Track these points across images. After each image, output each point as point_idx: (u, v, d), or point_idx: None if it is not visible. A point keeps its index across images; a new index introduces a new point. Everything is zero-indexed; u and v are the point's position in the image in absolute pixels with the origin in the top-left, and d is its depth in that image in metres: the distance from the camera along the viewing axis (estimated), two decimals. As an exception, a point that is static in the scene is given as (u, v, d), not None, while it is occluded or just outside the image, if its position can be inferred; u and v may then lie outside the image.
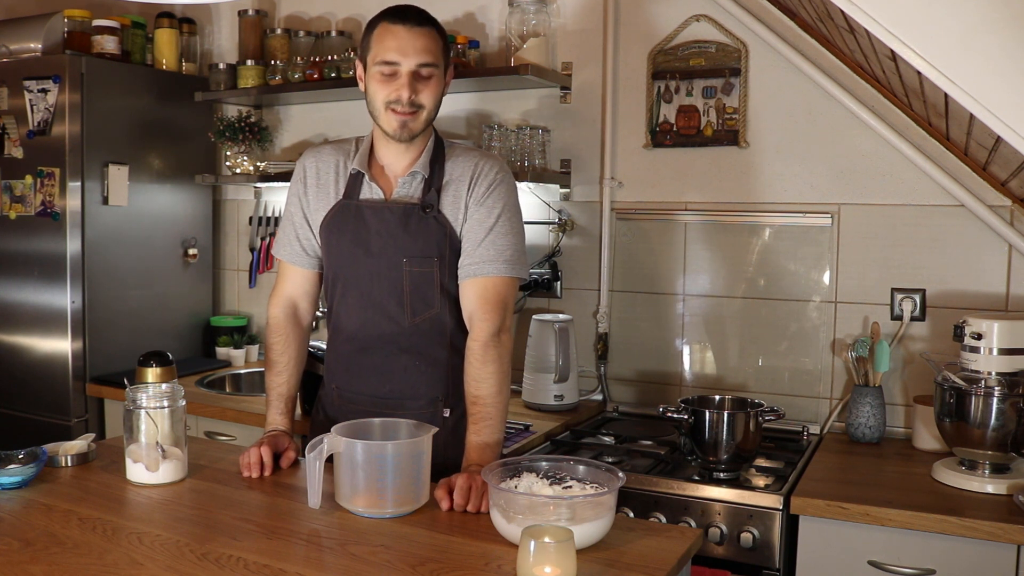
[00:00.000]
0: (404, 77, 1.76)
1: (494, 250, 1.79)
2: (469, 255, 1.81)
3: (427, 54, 1.76)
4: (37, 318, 2.97)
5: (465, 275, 1.81)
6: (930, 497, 1.92)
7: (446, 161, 1.86)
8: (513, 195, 1.87)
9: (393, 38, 1.75)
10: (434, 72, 1.78)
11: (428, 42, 1.76)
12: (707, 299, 2.67)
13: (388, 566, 1.34)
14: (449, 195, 1.83)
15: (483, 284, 1.79)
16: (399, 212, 1.82)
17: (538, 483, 1.49)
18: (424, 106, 1.78)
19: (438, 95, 1.81)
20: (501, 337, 1.78)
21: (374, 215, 1.83)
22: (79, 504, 1.59)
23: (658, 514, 2.05)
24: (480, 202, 1.82)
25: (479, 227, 1.81)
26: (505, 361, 1.79)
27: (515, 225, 1.84)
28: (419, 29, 1.76)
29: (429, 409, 1.86)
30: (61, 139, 2.88)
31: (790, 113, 2.54)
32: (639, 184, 2.75)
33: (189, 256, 3.32)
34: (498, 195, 1.83)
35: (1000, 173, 2.22)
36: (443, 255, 1.81)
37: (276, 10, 3.35)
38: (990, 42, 1.26)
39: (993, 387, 1.95)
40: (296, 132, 3.35)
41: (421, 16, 1.79)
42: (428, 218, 1.81)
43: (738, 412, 2.08)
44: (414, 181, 1.84)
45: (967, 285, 2.36)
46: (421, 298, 1.82)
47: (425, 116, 1.80)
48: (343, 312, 1.88)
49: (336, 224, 1.87)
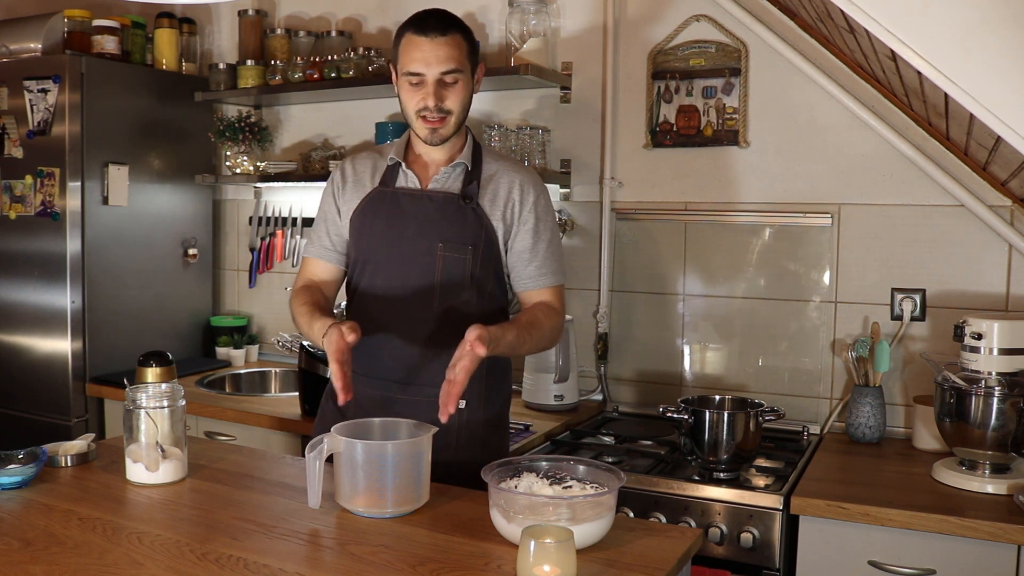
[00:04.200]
0: (430, 86, 1.82)
1: (553, 263, 1.94)
2: (526, 266, 1.92)
3: (450, 62, 1.81)
4: (37, 318, 2.97)
5: (526, 287, 1.93)
6: (930, 497, 1.92)
7: (484, 159, 1.95)
8: (551, 207, 1.99)
9: (417, 50, 1.81)
10: (459, 77, 1.83)
11: (450, 50, 1.81)
12: (707, 299, 2.67)
13: (388, 566, 1.34)
14: (489, 191, 1.90)
15: (543, 294, 1.94)
16: (439, 200, 1.88)
17: (538, 483, 1.49)
18: (452, 111, 1.84)
19: (466, 97, 1.87)
20: (562, 323, 1.95)
21: (412, 201, 1.90)
22: (79, 504, 1.59)
23: (658, 514, 2.05)
24: (527, 217, 1.90)
25: (533, 242, 1.91)
26: (554, 331, 1.91)
27: (558, 236, 2.00)
28: (441, 39, 1.80)
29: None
30: (61, 139, 2.88)
31: (790, 113, 2.54)
32: (639, 184, 2.75)
33: (189, 256, 3.32)
34: (544, 210, 1.94)
35: (1000, 173, 2.22)
36: (477, 245, 1.87)
37: (276, 10, 3.35)
38: (990, 42, 1.27)
39: (993, 387, 1.95)
40: (296, 132, 3.35)
41: (444, 24, 1.82)
42: (467, 208, 1.87)
43: (738, 412, 2.08)
44: (454, 172, 1.91)
45: (967, 285, 2.36)
46: (451, 285, 1.85)
47: (455, 120, 1.86)
48: (370, 294, 1.90)
49: (371, 209, 1.92)
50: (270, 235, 3.34)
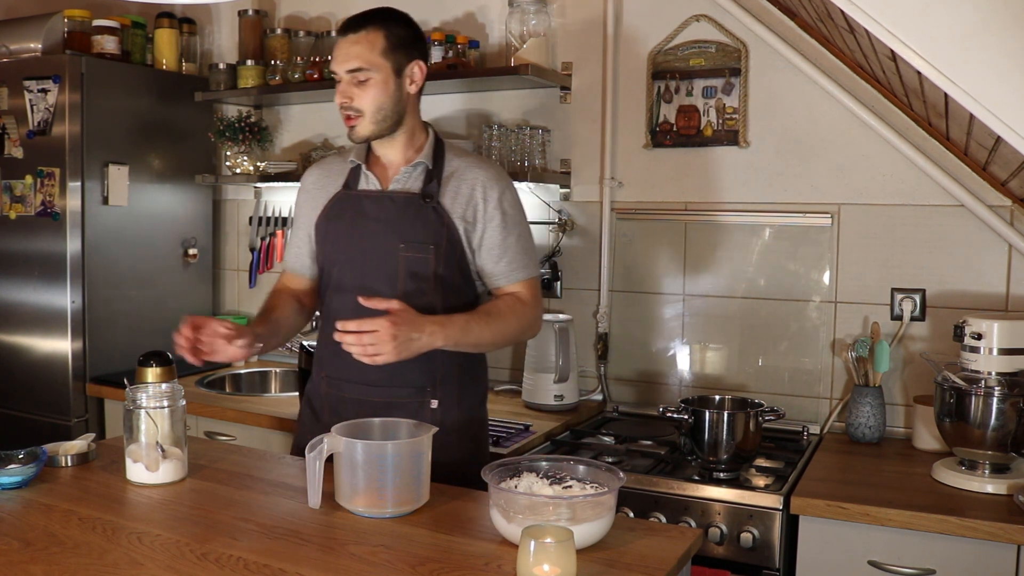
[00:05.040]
0: (341, 84, 1.85)
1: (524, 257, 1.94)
2: (496, 263, 1.91)
3: (355, 60, 1.82)
4: (37, 318, 2.97)
5: (499, 284, 1.93)
6: (930, 497, 1.92)
7: (446, 157, 1.93)
8: (519, 202, 1.97)
9: (336, 48, 1.86)
10: (369, 76, 1.82)
11: (358, 48, 1.82)
12: (707, 299, 2.67)
13: (388, 566, 1.34)
14: (450, 189, 1.89)
15: (514, 288, 1.93)
16: (400, 201, 1.89)
17: (538, 483, 1.49)
18: (361, 111, 1.84)
19: (379, 96, 1.84)
20: (534, 314, 1.94)
21: (373, 203, 1.90)
22: (79, 504, 1.59)
23: (658, 514, 2.05)
24: (493, 214, 1.89)
25: (502, 238, 1.90)
26: (523, 321, 1.90)
27: (527, 230, 1.97)
28: (352, 36, 1.83)
29: (416, 398, 1.89)
30: (61, 139, 2.88)
31: (790, 113, 2.54)
32: (639, 184, 2.75)
33: (189, 256, 3.32)
34: (510, 205, 1.93)
35: (1000, 173, 2.22)
36: (439, 244, 1.86)
37: (276, 10, 3.35)
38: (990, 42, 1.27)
39: (993, 387, 1.95)
40: (296, 132, 3.35)
41: (362, 22, 1.84)
42: (427, 208, 1.87)
43: (738, 412, 2.08)
44: (415, 172, 1.91)
45: (967, 285, 2.36)
46: (415, 284, 1.86)
47: (368, 119, 1.85)
48: (336, 298, 1.92)
49: (334, 212, 1.94)
50: (270, 235, 3.34)
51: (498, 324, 1.85)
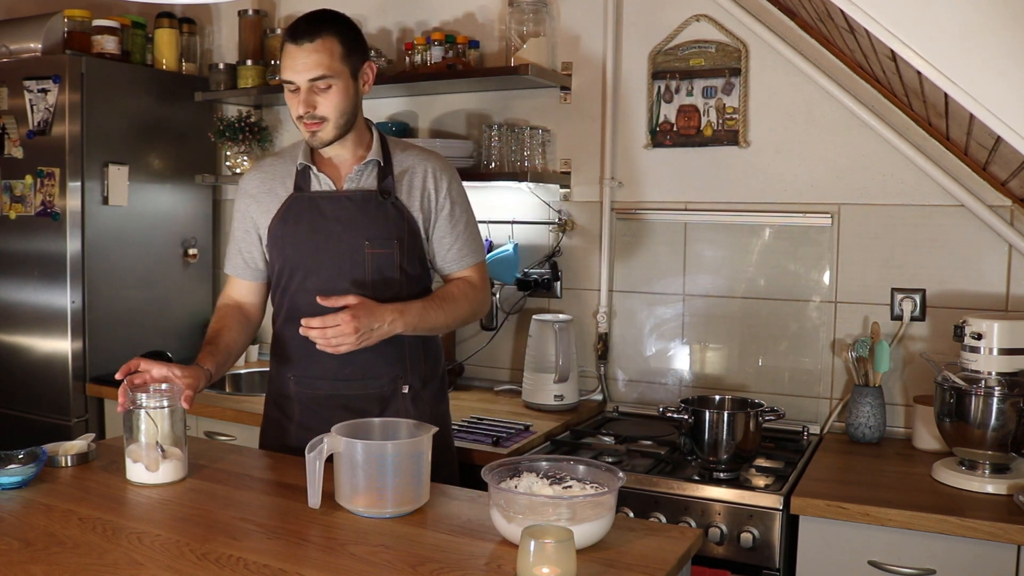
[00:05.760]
0: (302, 93, 1.84)
1: (472, 243, 2.03)
2: (448, 251, 1.99)
3: (317, 68, 1.82)
4: (37, 318, 2.97)
5: (450, 270, 2.02)
6: (930, 497, 1.92)
7: (392, 152, 1.98)
8: (463, 188, 2.05)
9: (288, 57, 1.85)
10: (331, 82, 1.84)
11: (319, 56, 1.82)
12: (707, 299, 2.67)
13: (388, 566, 1.34)
14: (404, 183, 1.94)
15: (464, 273, 2.03)
16: (358, 199, 1.92)
17: (538, 483, 1.49)
18: (326, 117, 1.86)
19: (342, 101, 1.86)
20: (483, 296, 2.04)
21: (331, 204, 1.92)
22: (79, 504, 1.59)
23: (658, 514, 2.05)
24: (444, 204, 1.97)
25: (451, 227, 1.98)
26: (474, 303, 2.01)
27: (472, 216, 2.06)
28: (309, 45, 1.82)
29: (390, 387, 1.95)
30: (61, 139, 2.88)
31: (790, 113, 2.54)
32: (639, 184, 2.75)
33: (189, 256, 3.32)
34: (457, 193, 2.01)
35: (1000, 173, 2.22)
36: (402, 238, 1.92)
37: (276, 10, 3.35)
38: (990, 42, 1.27)
39: (993, 387, 1.95)
40: (296, 132, 3.30)
41: (314, 29, 1.83)
42: (387, 204, 1.91)
43: (738, 412, 2.08)
44: (367, 170, 1.94)
45: (967, 285, 2.36)
46: (382, 279, 1.90)
47: (332, 124, 1.87)
48: (302, 299, 1.92)
49: (291, 216, 1.94)
50: (270, 235, 3.34)
51: (452, 308, 1.94)
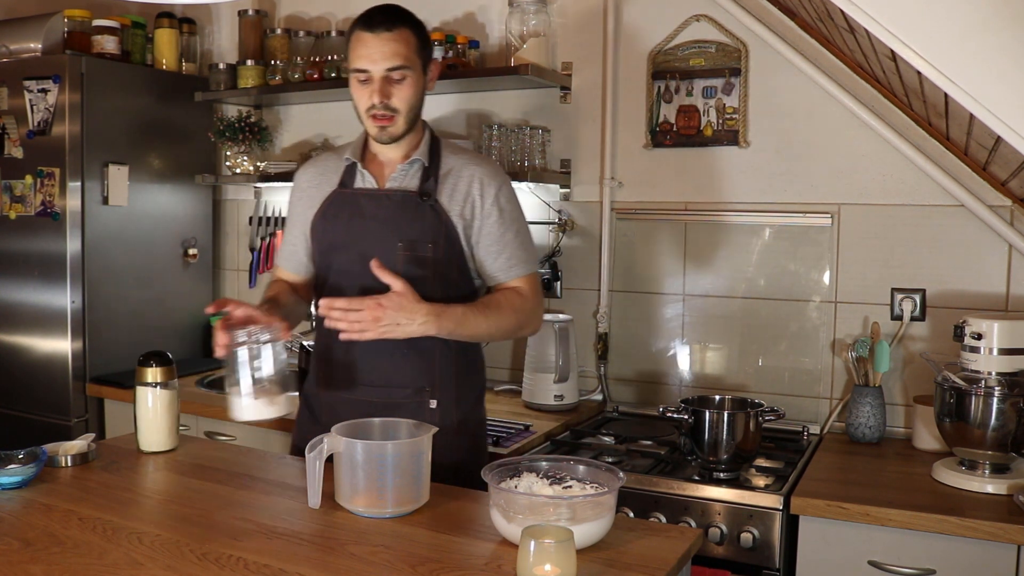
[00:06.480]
0: (376, 83, 1.81)
1: (523, 253, 1.94)
2: (495, 260, 1.91)
3: (396, 58, 1.80)
4: (37, 318, 2.97)
5: (498, 280, 1.93)
6: (930, 497, 1.92)
7: (442, 154, 1.93)
8: (515, 196, 1.97)
9: (363, 46, 1.81)
10: (407, 74, 1.82)
11: (397, 46, 1.80)
12: (707, 299, 2.67)
13: (388, 566, 1.34)
14: (447, 187, 1.89)
15: (517, 284, 1.94)
16: (397, 199, 1.88)
17: (538, 483, 1.49)
18: (398, 109, 1.84)
19: (414, 95, 1.85)
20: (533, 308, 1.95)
21: (370, 201, 1.90)
22: (79, 504, 1.59)
23: (658, 514, 2.05)
24: (490, 211, 1.90)
25: (499, 235, 1.90)
26: (522, 314, 1.91)
27: (525, 225, 1.98)
28: (387, 35, 1.80)
29: (415, 399, 1.89)
30: (61, 139, 2.88)
31: (790, 113, 2.54)
32: (639, 184, 2.75)
33: (189, 256, 3.32)
34: (507, 200, 1.93)
35: (1000, 173, 2.22)
36: (438, 242, 1.86)
37: (276, 10, 3.35)
38: (990, 42, 1.27)
39: (993, 387, 1.95)
40: (296, 132, 3.35)
41: (391, 19, 1.82)
42: (425, 206, 1.87)
43: (738, 412, 2.08)
44: (411, 169, 1.90)
45: (967, 285, 2.36)
46: (414, 283, 1.83)
47: (403, 118, 1.85)
48: (333, 296, 1.89)
49: (331, 212, 1.93)
50: (270, 235, 3.34)
51: (495, 316, 1.86)
